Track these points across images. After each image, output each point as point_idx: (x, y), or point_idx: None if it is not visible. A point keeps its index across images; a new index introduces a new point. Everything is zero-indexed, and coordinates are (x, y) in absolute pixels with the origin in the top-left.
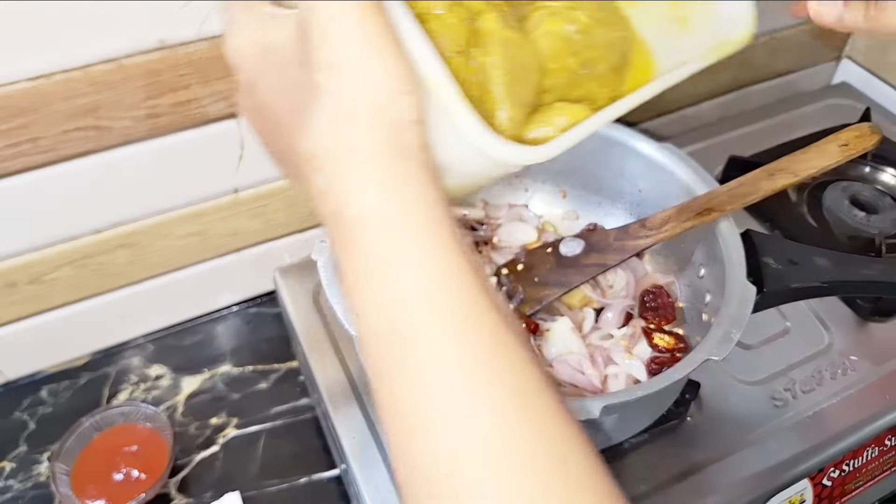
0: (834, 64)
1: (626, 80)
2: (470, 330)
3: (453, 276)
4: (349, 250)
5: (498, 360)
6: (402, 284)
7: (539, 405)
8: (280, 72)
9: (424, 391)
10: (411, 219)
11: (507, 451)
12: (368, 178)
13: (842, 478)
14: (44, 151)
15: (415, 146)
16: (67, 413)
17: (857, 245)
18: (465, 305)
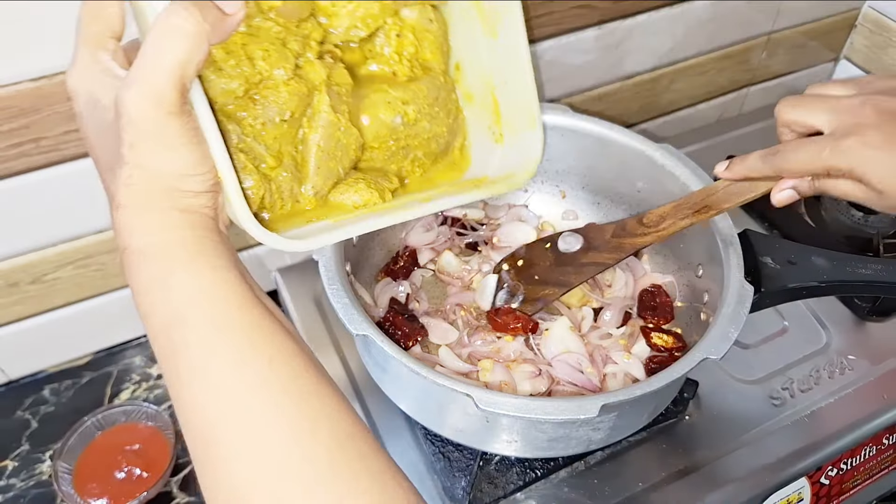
0: (832, 65)
1: (440, 166)
2: (232, 326)
3: (218, 287)
4: (135, 275)
5: (261, 349)
6: (173, 297)
7: (295, 376)
8: (100, 123)
9: (194, 376)
10: (183, 251)
11: (264, 413)
12: (154, 223)
13: (839, 476)
14: (46, 152)
15: (200, 205)
16: (69, 412)
17: (855, 245)
18: (228, 308)
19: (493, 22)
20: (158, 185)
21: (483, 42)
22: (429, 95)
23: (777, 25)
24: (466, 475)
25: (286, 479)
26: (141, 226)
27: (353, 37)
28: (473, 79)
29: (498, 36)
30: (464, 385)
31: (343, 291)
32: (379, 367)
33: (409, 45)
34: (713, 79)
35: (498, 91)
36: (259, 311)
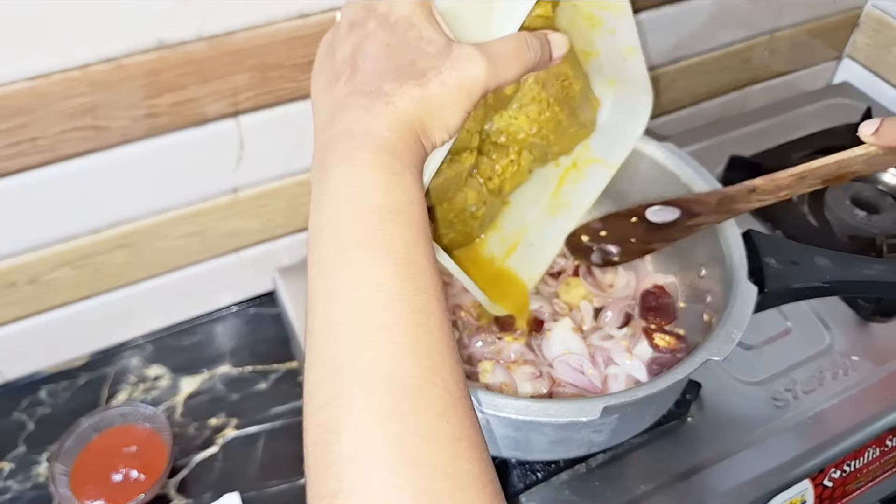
0: (835, 63)
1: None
2: (408, 264)
3: (404, 211)
4: (343, 159)
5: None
6: (367, 196)
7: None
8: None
9: (342, 292)
10: (407, 174)
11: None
12: (398, 139)
13: (843, 478)
14: (42, 151)
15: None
16: (66, 414)
17: (859, 245)
18: (404, 239)
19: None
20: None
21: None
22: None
23: (779, 24)
24: None
25: (392, 394)
26: (382, 128)
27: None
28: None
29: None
30: None
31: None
32: None
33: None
34: (715, 77)
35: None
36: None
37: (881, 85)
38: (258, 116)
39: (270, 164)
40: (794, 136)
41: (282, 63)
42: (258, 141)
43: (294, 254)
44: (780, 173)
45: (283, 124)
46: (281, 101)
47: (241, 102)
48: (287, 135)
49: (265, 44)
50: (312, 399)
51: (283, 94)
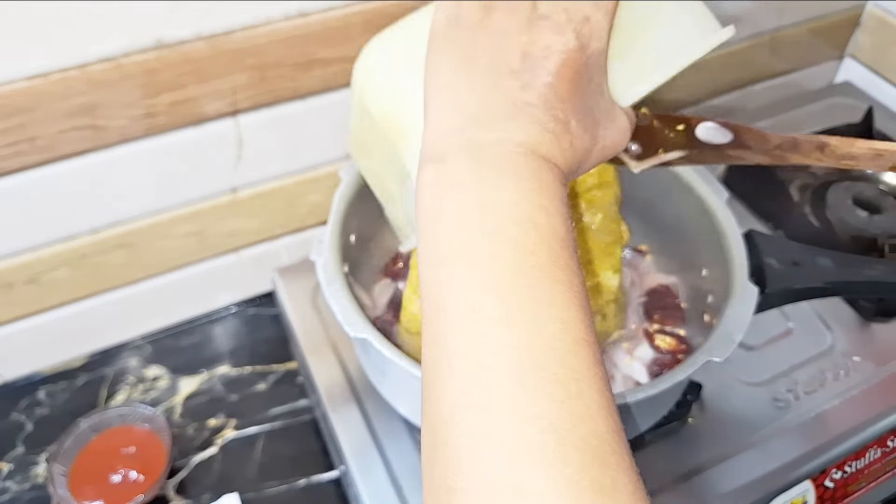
0: (837, 63)
1: None
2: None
3: (575, 247)
4: (521, 172)
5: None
6: (553, 221)
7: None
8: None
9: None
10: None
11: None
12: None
13: (844, 479)
14: (41, 151)
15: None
16: (65, 414)
17: (860, 245)
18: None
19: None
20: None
21: None
22: None
23: (781, 23)
24: None
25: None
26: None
27: None
28: None
29: None
30: None
31: (341, 293)
32: (377, 370)
33: None
34: (716, 76)
35: None
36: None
37: (883, 84)
38: (257, 116)
39: (270, 163)
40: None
41: (281, 62)
42: (257, 140)
43: (293, 254)
44: (858, 141)
45: (283, 124)
46: (280, 101)
47: (240, 102)
48: (286, 134)
49: (264, 43)
50: (469, 457)
51: (282, 93)
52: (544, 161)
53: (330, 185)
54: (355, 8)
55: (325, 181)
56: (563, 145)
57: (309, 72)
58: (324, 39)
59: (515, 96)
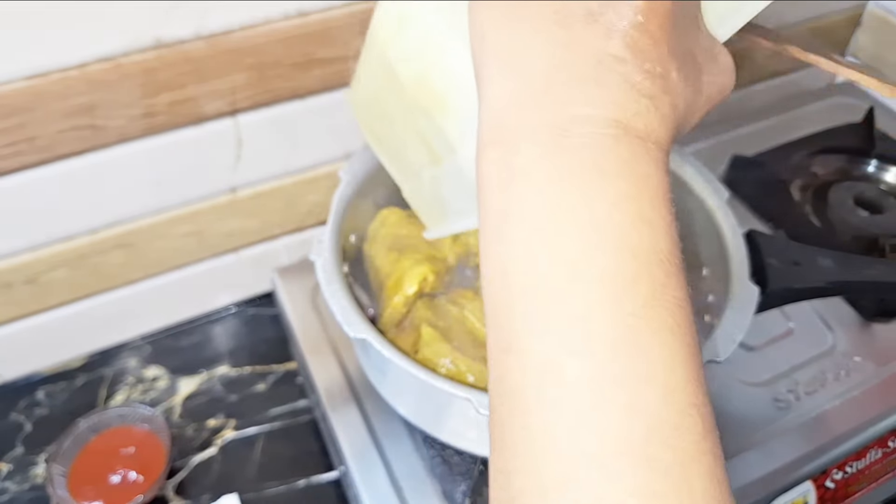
0: None
1: None
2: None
3: (682, 270)
4: (610, 164)
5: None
6: (655, 236)
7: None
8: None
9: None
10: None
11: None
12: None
13: (845, 480)
14: (40, 150)
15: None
16: (64, 415)
17: (862, 245)
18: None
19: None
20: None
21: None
22: None
23: (781, 22)
24: (467, 479)
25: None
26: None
27: None
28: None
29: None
30: (463, 389)
31: (341, 293)
32: (377, 370)
33: None
34: None
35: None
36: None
37: None
38: (256, 115)
39: (269, 163)
40: (797, 135)
41: (280, 62)
42: (256, 140)
43: (293, 254)
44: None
45: (282, 123)
46: (279, 100)
47: (239, 101)
48: (286, 134)
49: (263, 43)
50: None
51: (281, 93)
52: (640, 142)
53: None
54: (355, 8)
55: (325, 181)
56: (664, 110)
57: (308, 72)
58: (323, 39)
59: (597, 49)
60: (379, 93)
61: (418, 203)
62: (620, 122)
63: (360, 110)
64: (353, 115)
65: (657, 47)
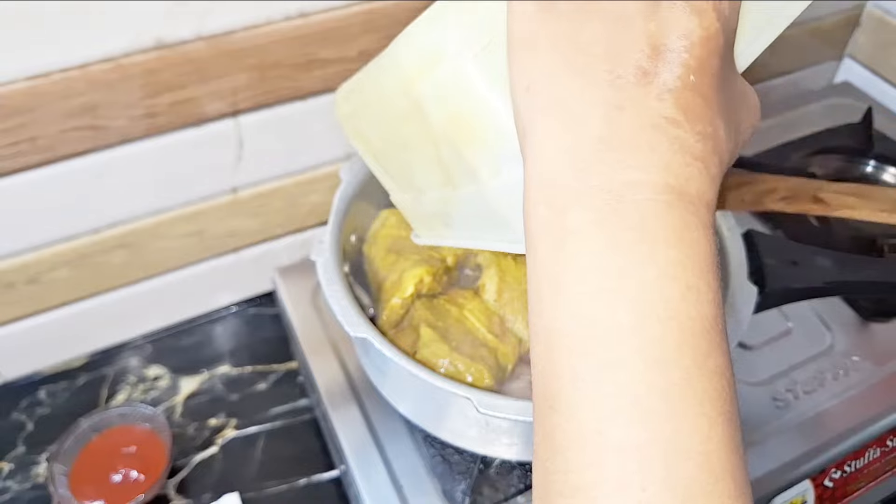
0: (836, 63)
1: None
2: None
3: (725, 336)
4: (659, 233)
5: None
6: (701, 307)
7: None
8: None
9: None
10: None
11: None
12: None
13: (843, 479)
14: (41, 151)
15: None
16: (65, 414)
17: (860, 245)
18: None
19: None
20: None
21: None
22: None
23: None
24: (467, 478)
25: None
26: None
27: None
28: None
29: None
30: (463, 388)
31: (342, 293)
32: (378, 369)
33: None
34: None
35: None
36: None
37: (882, 85)
38: (257, 116)
39: (270, 163)
40: (795, 135)
41: (281, 63)
42: (257, 140)
43: (293, 254)
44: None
45: (283, 124)
46: (280, 101)
47: (240, 102)
48: (286, 134)
49: (264, 43)
50: None
51: (282, 93)
52: (692, 206)
53: (330, 185)
54: (355, 8)
55: (325, 181)
56: (713, 171)
57: (309, 72)
58: (324, 40)
59: (651, 111)
60: (388, 117)
61: (412, 212)
62: (674, 188)
63: (351, 119)
64: (340, 120)
65: (708, 107)
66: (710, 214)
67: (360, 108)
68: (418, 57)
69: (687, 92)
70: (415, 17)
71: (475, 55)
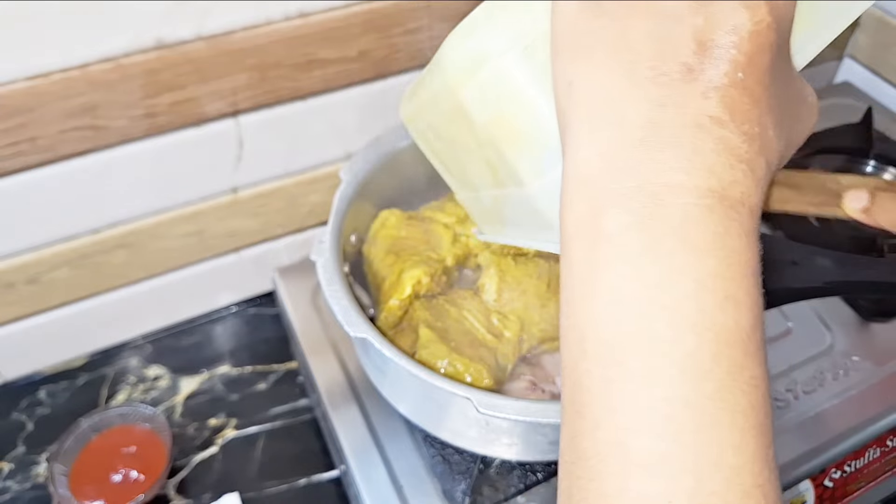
0: (836, 63)
1: None
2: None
3: (763, 346)
4: (700, 240)
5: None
6: (738, 317)
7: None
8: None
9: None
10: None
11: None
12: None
13: (843, 479)
14: (42, 151)
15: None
16: (66, 414)
17: (860, 245)
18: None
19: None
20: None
21: None
22: None
23: None
24: (466, 478)
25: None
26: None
27: None
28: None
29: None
30: (463, 388)
31: (342, 293)
32: (377, 369)
33: None
34: None
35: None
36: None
37: (882, 85)
38: (257, 116)
39: (270, 163)
40: None
41: (281, 63)
42: (257, 140)
43: (293, 254)
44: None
45: (283, 124)
46: (280, 101)
47: (240, 102)
48: (287, 134)
49: (265, 43)
50: None
51: (282, 93)
52: (734, 212)
53: (330, 186)
54: (355, 8)
55: (325, 181)
56: (759, 173)
57: (309, 72)
58: (324, 40)
59: (696, 110)
60: (439, 119)
61: (474, 209)
62: (716, 192)
63: (413, 120)
64: (404, 120)
65: (756, 106)
66: (753, 219)
67: (418, 109)
68: (462, 59)
69: (733, 90)
70: (415, 17)
71: (518, 55)
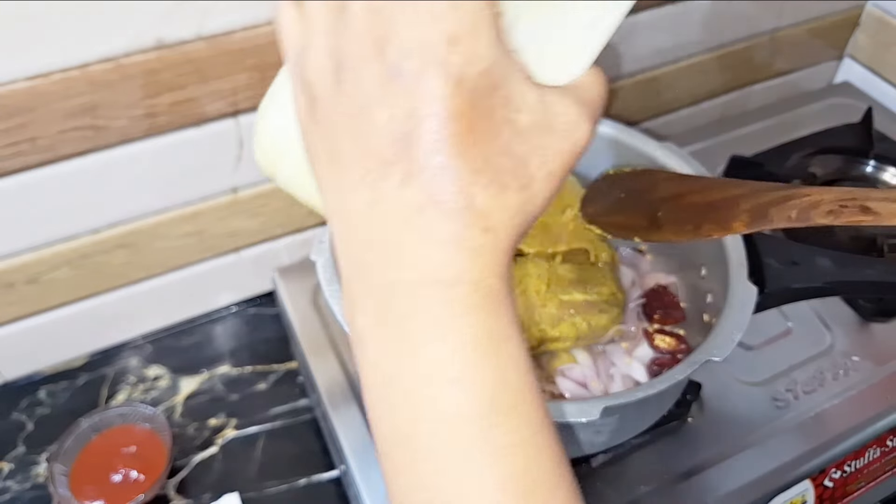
0: (836, 63)
1: None
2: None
3: (518, 403)
4: (429, 332)
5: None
6: (469, 393)
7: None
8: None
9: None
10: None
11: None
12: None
13: (843, 479)
14: (42, 151)
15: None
16: (65, 414)
17: (859, 245)
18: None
19: None
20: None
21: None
22: None
23: (780, 23)
24: None
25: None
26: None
27: None
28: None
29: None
30: None
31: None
32: None
33: None
34: (716, 77)
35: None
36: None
37: (882, 85)
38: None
39: None
40: (795, 135)
41: (281, 63)
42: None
43: (294, 254)
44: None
45: None
46: None
47: (240, 102)
48: None
49: (265, 43)
50: None
51: None
52: (470, 288)
53: None
54: None
55: None
56: (478, 241)
57: None
58: None
59: (402, 203)
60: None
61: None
62: (442, 280)
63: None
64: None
65: (460, 176)
66: (479, 290)
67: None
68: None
69: (432, 175)
70: None
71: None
